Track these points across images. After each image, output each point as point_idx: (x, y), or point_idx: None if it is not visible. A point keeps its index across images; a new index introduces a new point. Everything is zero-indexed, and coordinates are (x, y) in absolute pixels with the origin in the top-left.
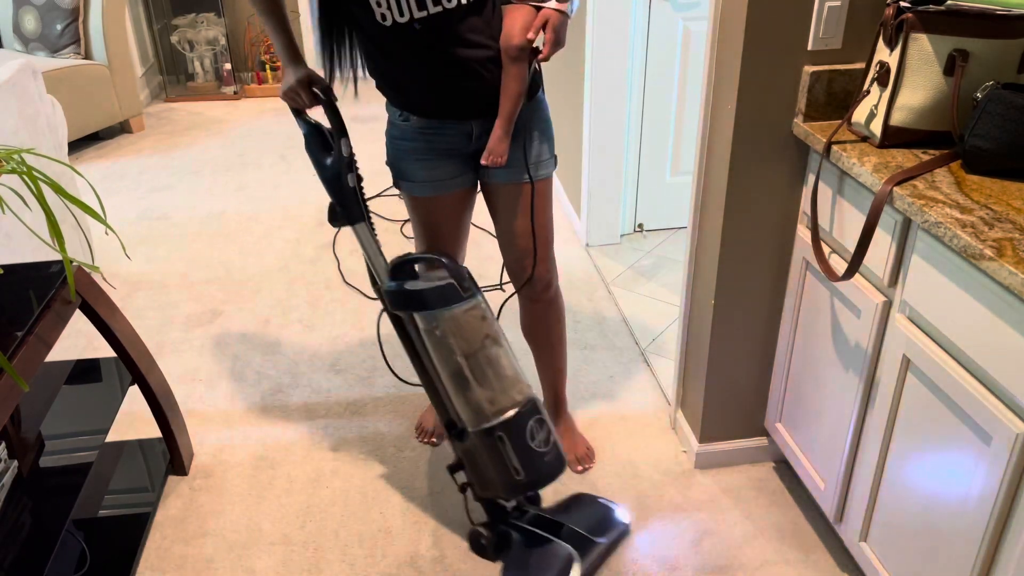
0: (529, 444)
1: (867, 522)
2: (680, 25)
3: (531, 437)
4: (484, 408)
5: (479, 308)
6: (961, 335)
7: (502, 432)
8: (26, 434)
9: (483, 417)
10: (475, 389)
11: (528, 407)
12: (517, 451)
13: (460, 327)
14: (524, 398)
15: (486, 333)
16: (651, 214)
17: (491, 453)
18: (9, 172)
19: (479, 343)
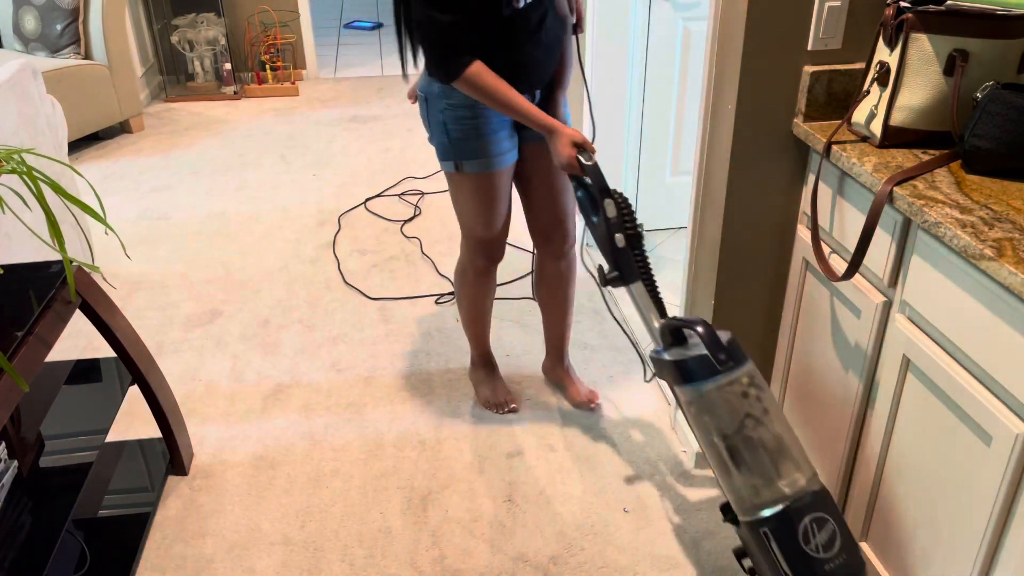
0: (802, 547)
1: (867, 522)
2: (680, 25)
3: (804, 539)
4: (745, 498)
5: (739, 384)
6: (961, 335)
7: (768, 529)
8: (26, 434)
9: (745, 508)
10: (735, 475)
11: (802, 502)
12: (786, 553)
13: (713, 405)
14: (795, 491)
15: (747, 413)
16: (651, 214)
17: (759, 549)
18: (9, 172)
19: (738, 423)
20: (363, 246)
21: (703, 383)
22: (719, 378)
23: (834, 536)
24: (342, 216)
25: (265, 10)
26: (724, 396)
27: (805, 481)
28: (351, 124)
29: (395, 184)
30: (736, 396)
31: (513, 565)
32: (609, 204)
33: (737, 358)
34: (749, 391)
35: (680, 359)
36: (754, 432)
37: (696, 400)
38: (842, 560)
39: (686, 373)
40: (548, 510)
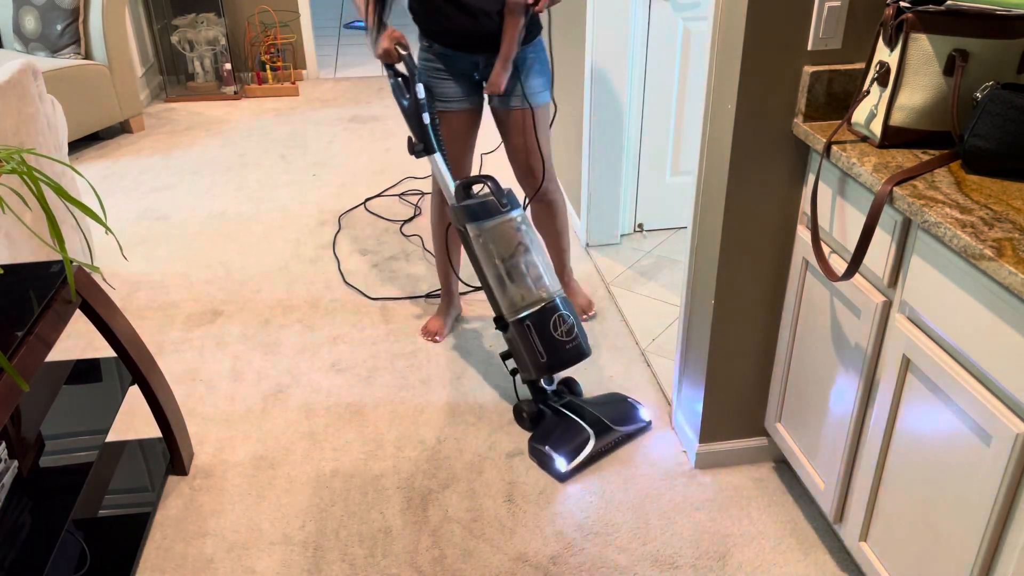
0: (552, 333)
1: (867, 522)
2: (680, 25)
3: (554, 328)
4: (517, 302)
5: (514, 221)
6: (961, 335)
7: (530, 322)
8: (26, 434)
9: (516, 309)
10: (510, 287)
11: (552, 304)
12: (542, 339)
13: (498, 236)
14: (549, 295)
15: (519, 241)
16: (651, 214)
17: (523, 340)
18: (9, 172)
19: (513, 248)
20: (363, 246)
21: (490, 219)
22: (501, 216)
23: (572, 329)
24: (342, 216)
25: (265, 10)
26: (504, 229)
27: (554, 291)
28: (351, 124)
29: (395, 184)
30: (512, 229)
31: (513, 565)
32: (420, 88)
33: (513, 203)
34: (521, 227)
35: (476, 203)
36: (523, 256)
37: (483, 233)
38: (574, 344)
39: (478, 213)
40: (548, 510)
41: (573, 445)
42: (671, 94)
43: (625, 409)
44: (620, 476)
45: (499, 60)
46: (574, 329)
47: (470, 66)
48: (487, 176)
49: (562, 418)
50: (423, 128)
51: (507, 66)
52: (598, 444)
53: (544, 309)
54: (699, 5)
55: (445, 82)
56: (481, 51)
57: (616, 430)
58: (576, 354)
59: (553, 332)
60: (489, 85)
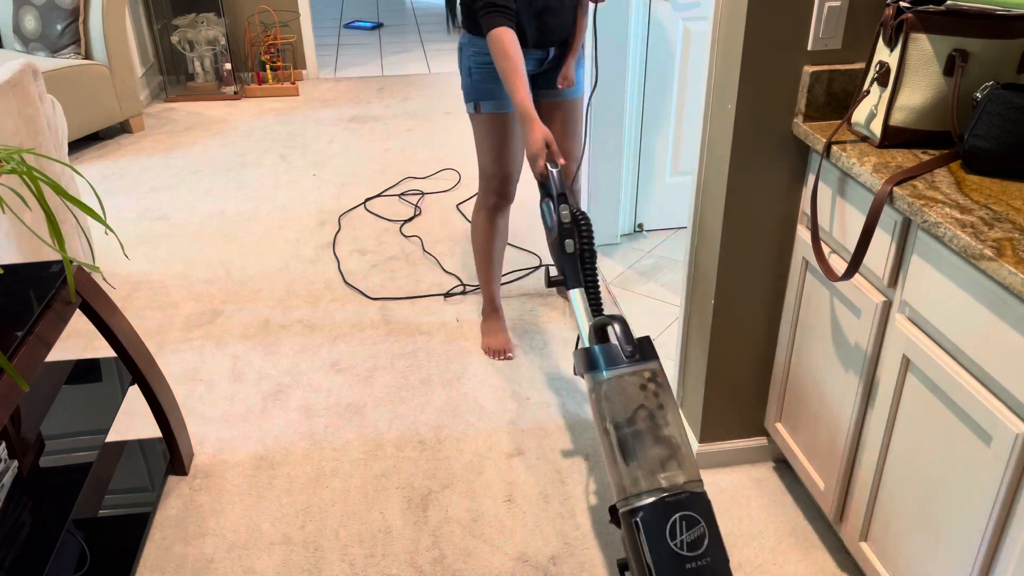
0: (667, 541)
1: (867, 522)
2: (680, 25)
3: (671, 534)
4: (627, 488)
5: (639, 376)
6: (961, 335)
7: (638, 519)
8: (26, 434)
9: (627, 498)
10: (620, 465)
11: (676, 498)
12: (651, 546)
13: (612, 392)
14: (671, 486)
15: (641, 404)
16: (651, 214)
17: (631, 541)
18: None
19: (631, 413)
20: (363, 246)
21: (605, 370)
22: (620, 367)
23: (702, 538)
24: (342, 216)
25: (265, 10)
26: (622, 385)
27: (683, 480)
28: (351, 124)
29: (395, 184)
30: (634, 387)
31: (513, 565)
32: (564, 210)
33: (644, 354)
34: (648, 385)
35: (588, 347)
36: (644, 424)
37: (596, 387)
38: (704, 563)
39: (593, 360)
40: (548, 510)
41: None
42: (671, 94)
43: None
44: None
45: (571, 54)
46: (704, 541)
47: (535, 64)
48: (616, 316)
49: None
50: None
51: (576, 58)
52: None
53: (662, 503)
54: (699, 5)
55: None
56: (552, 45)
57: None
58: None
59: (669, 539)
60: (564, 79)
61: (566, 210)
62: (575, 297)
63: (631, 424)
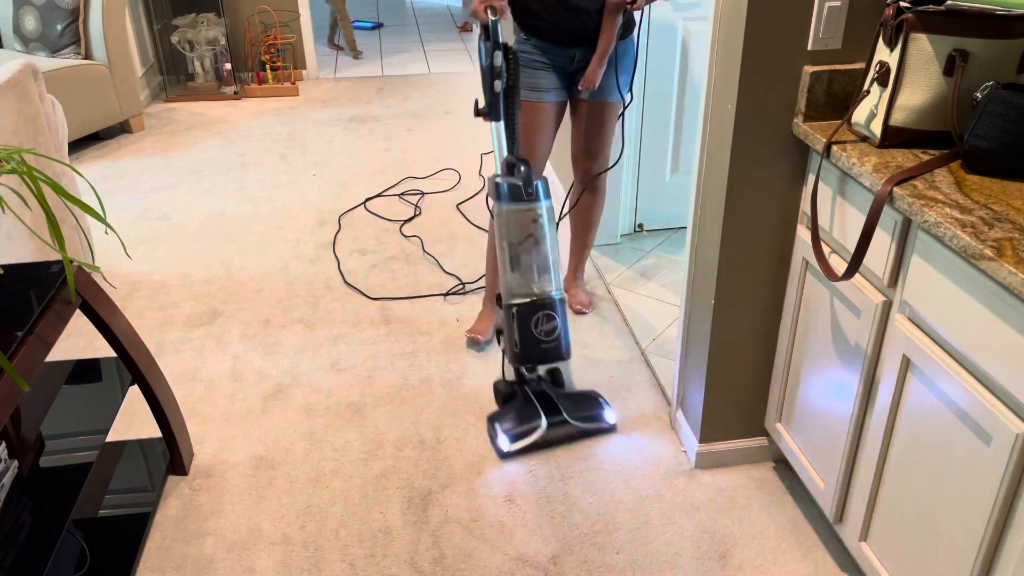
0: (532, 329)
1: (867, 522)
2: (680, 25)
3: (535, 324)
4: (512, 289)
5: (533, 212)
6: (961, 335)
7: (516, 311)
8: (26, 434)
9: (510, 295)
10: (510, 273)
11: (542, 301)
12: (521, 331)
13: (513, 221)
14: (542, 292)
15: (530, 233)
16: (651, 214)
17: (507, 326)
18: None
19: (523, 238)
20: (363, 246)
21: (511, 203)
22: (522, 203)
23: (554, 331)
24: (342, 216)
25: (265, 10)
26: (520, 217)
27: (550, 289)
28: (351, 124)
29: (395, 184)
30: (527, 219)
31: (513, 565)
32: (498, 55)
33: (539, 196)
34: (538, 219)
35: (500, 183)
36: (530, 247)
37: (502, 213)
38: (553, 345)
39: (500, 193)
40: (548, 510)
41: (521, 429)
42: (671, 94)
43: (591, 407)
44: (620, 476)
45: (596, 57)
46: (556, 330)
47: (565, 61)
48: (524, 160)
49: (527, 403)
50: (493, 95)
51: (603, 63)
52: (548, 433)
53: (532, 304)
54: (699, 5)
55: (541, 72)
56: (578, 46)
57: (572, 424)
58: (551, 355)
59: (533, 328)
60: (585, 81)
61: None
62: (495, 130)
63: (519, 246)
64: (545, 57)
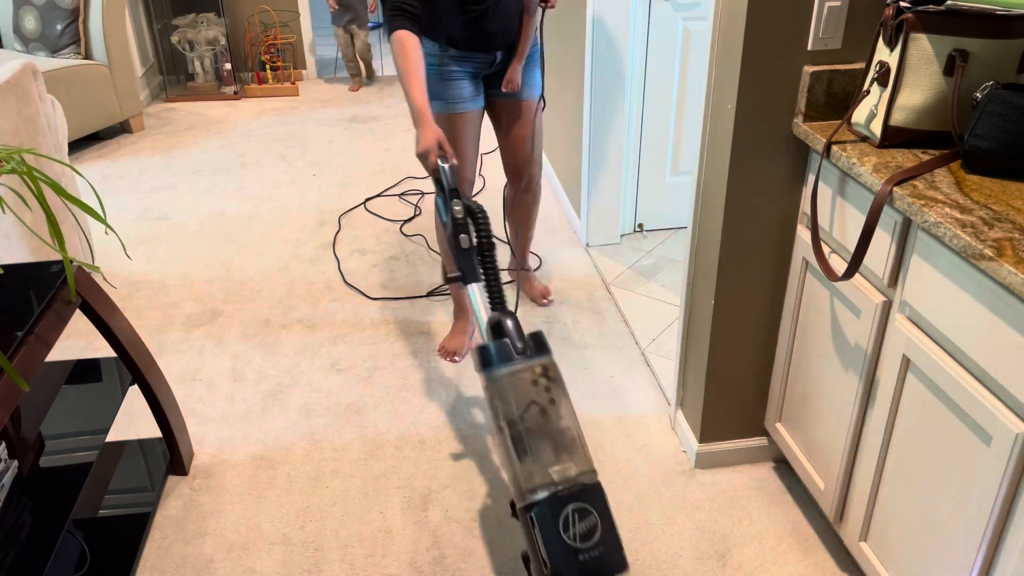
0: (560, 535)
1: (867, 522)
2: (680, 25)
3: (564, 527)
4: (522, 484)
5: (530, 372)
6: (961, 335)
7: (532, 514)
8: (26, 434)
9: (520, 495)
10: (514, 460)
11: (568, 491)
12: (546, 540)
13: (503, 390)
14: (563, 479)
15: (533, 400)
16: (651, 214)
17: (527, 536)
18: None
19: (523, 410)
20: (363, 246)
21: (497, 367)
22: (511, 364)
23: (595, 529)
24: (342, 216)
25: (265, 10)
26: (514, 382)
27: (575, 472)
28: (351, 124)
29: (395, 184)
30: (526, 383)
31: (513, 565)
32: (457, 205)
33: (535, 350)
34: (539, 380)
35: (483, 344)
36: (535, 420)
37: (490, 384)
38: (598, 553)
39: (486, 357)
40: None
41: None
42: (671, 94)
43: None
44: (620, 476)
45: (516, 57)
46: (597, 531)
47: (485, 65)
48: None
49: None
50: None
51: (523, 62)
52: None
53: (554, 498)
54: (699, 5)
55: (460, 82)
56: (498, 49)
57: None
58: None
59: (563, 532)
60: (508, 82)
61: (459, 205)
62: (473, 293)
63: (523, 421)
64: (462, 65)
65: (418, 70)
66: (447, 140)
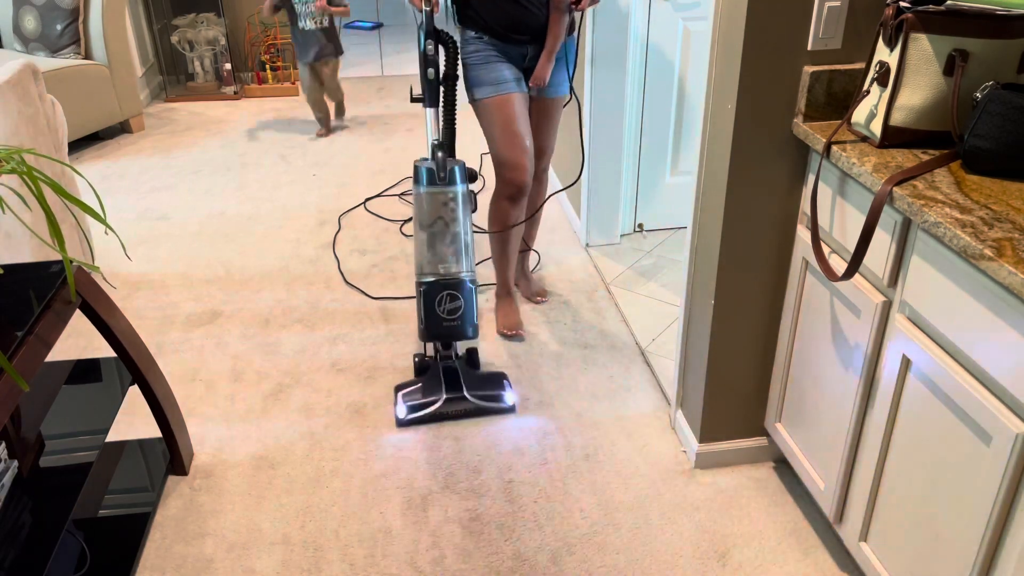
0: (435, 307)
1: (867, 522)
2: (680, 25)
3: (438, 303)
4: (423, 267)
5: (445, 195)
6: (961, 335)
7: (422, 289)
8: (26, 434)
9: (420, 273)
10: (423, 252)
11: (447, 282)
12: (425, 308)
13: (424, 203)
14: (448, 273)
15: (440, 215)
16: (651, 214)
17: (417, 301)
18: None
19: (433, 220)
20: (363, 246)
21: (426, 186)
22: (432, 188)
23: (457, 309)
24: (342, 216)
25: None
26: (432, 199)
27: (455, 270)
28: (351, 124)
29: (395, 184)
30: (438, 203)
31: (513, 565)
32: (430, 43)
33: (453, 180)
34: (449, 203)
35: (419, 166)
36: (440, 229)
37: (417, 195)
38: (455, 323)
39: (420, 176)
40: (548, 510)
41: (421, 400)
42: (671, 94)
43: (493, 388)
44: (620, 476)
45: (544, 53)
46: (460, 310)
47: (518, 58)
48: (441, 143)
49: (433, 378)
50: (426, 81)
51: (552, 59)
52: (445, 407)
53: (437, 283)
54: (699, 5)
55: (502, 64)
56: (529, 42)
57: (471, 401)
58: (454, 333)
59: (436, 306)
60: (535, 78)
61: (432, 44)
62: (428, 115)
63: (431, 227)
64: (500, 53)
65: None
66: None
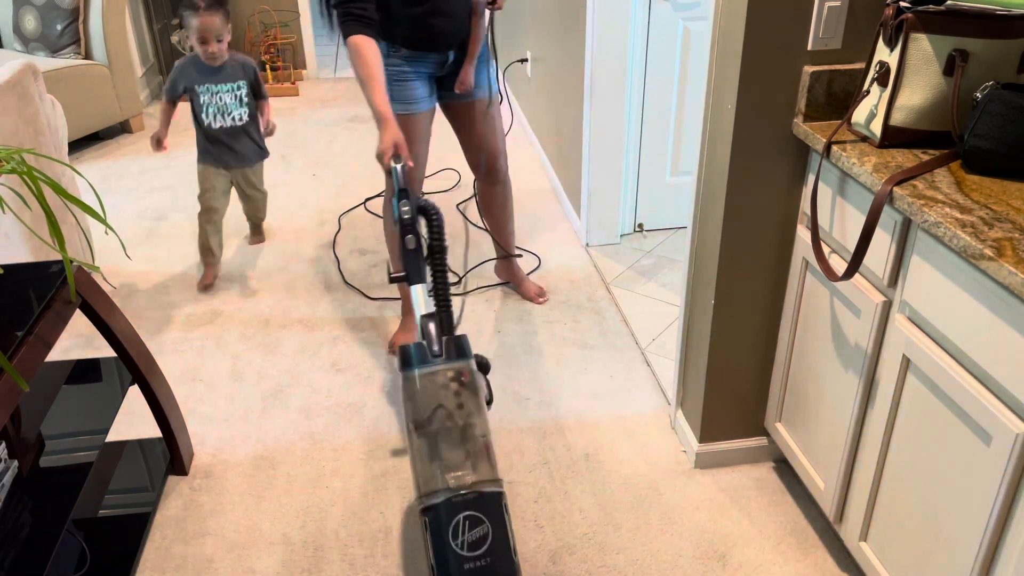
0: (449, 542)
1: (867, 522)
2: (680, 25)
3: (454, 535)
4: (420, 487)
5: (443, 375)
6: (961, 335)
7: (426, 518)
8: (26, 434)
9: (420, 496)
10: (417, 462)
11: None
12: (434, 545)
13: (414, 391)
14: (459, 486)
15: (440, 404)
16: (651, 214)
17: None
18: (9, 172)
19: (430, 412)
20: (363, 246)
21: (412, 368)
22: (425, 367)
23: (485, 538)
24: (342, 216)
25: (265, 10)
26: (424, 384)
27: (473, 480)
28: (351, 124)
29: None
30: (436, 386)
31: None
32: (404, 206)
33: (451, 354)
34: (450, 384)
35: (403, 344)
36: (439, 424)
37: (405, 384)
38: (485, 563)
39: (404, 357)
40: (548, 510)
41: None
42: (671, 94)
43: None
44: (620, 476)
45: (468, 58)
46: (487, 540)
47: (435, 66)
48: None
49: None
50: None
51: (474, 63)
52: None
53: (446, 505)
54: (699, 5)
55: (412, 83)
56: (450, 49)
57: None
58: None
59: (451, 539)
60: (460, 83)
61: (407, 206)
62: (415, 293)
63: (428, 424)
64: (415, 66)
65: (378, 75)
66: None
